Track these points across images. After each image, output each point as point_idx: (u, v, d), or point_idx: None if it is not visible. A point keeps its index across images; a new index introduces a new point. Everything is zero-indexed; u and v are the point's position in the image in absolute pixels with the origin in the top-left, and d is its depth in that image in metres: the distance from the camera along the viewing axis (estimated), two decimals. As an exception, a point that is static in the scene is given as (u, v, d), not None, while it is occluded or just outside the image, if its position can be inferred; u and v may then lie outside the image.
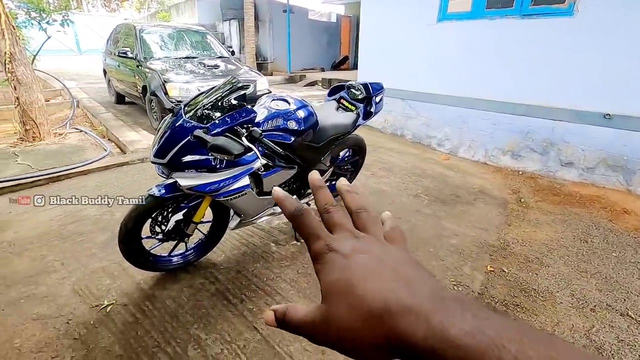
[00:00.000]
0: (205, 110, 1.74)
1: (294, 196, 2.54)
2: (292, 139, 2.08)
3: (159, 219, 1.98)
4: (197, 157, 1.69)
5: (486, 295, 2.19)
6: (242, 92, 1.76)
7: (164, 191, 1.86)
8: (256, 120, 1.97)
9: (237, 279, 2.18)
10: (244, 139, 1.75)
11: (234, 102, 1.75)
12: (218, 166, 1.75)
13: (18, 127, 4.34)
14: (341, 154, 3.03)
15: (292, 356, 1.67)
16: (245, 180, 1.91)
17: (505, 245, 2.75)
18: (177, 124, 1.70)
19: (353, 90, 2.71)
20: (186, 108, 1.79)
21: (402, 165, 4.31)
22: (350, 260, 0.25)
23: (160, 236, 2.00)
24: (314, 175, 0.33)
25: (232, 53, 6.74)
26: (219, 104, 1.74)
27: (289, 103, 2.16)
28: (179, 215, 1.94)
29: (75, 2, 19.40)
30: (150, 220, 1.96)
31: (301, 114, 2.14)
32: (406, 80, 5.08)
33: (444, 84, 4.69)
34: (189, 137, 1.65)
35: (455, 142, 4.75)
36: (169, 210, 1.95)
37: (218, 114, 1.72)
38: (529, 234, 2.91)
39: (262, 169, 2.01)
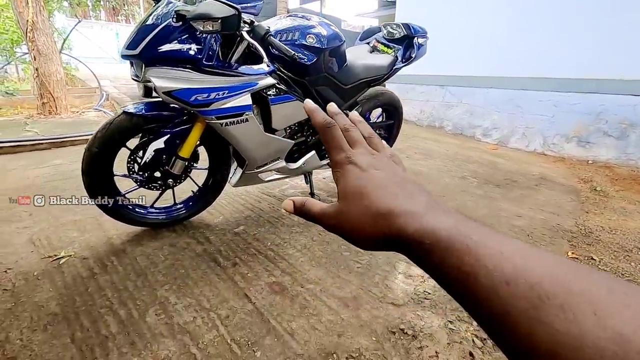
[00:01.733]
0: (196, -8, 1.32)
1: (311, 153, 2.05)
2: (313, 58, 1.61)
3: (139, 153, 1.55)
4: (177, 46, 1.25)
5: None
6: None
7: (143, 108, 1.44)
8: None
9: (233, 241, 1.69)
10: (244, 33, 1.30)
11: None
12: (206, 62, 1.29)
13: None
14: (373, 115, 2.52)
15: (293, 334, 1.13)
16: (246, 100, 1.44)
17: (588, 232, 2.08)
18: (158, 8, 1.29)
19: (390, 30, 2.23)
20: (174, -5, 1.38)
21: (442, 152, 3.72)
22: (366, 173, 0.30)
23: (138, 176, 1.56)
24: (331, 107, 0.36)
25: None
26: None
27: (308, 19, 1.71)
28: (160, 143, 1.50)
29: (124, 18, 20.72)
30: (128, 155, 1.54)
31: (323, 30, 1.68)
32: (445, 64, 4.55)
33: (490, 64, 4.12)
34: (171, 18, 1.23)
35: (505, 130, 4.10)
36: (150, 138, 1.52)
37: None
38: (618, 223, 2.23)
39: (272, 91, 1.55)
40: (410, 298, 1.35)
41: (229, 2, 1.14)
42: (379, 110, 2.54)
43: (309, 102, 0.35)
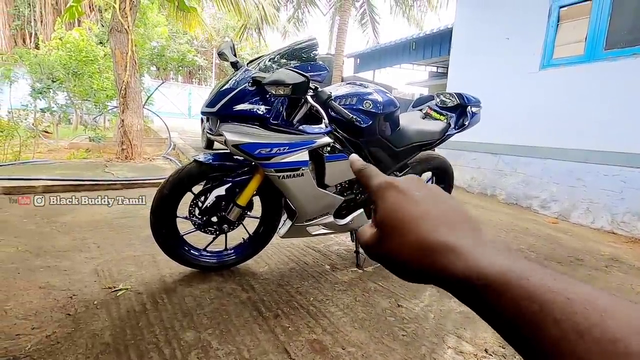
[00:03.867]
0: (269, 62, 1.51)
1: (359, 211, 2.07)
2: (368, 122, 1.72)
3: (201, 198, 1.69)
4: (249, 106, 1.41)
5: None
6: (314, 48, 1.52)
7: (210, 158, 1.60)
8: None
9: (277, 292, 1.69)
10: (308, 97, 1.45)
11: (303, 55, 1.50)
12: (273, 120, 1.44)
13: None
14: (423, 178, 2.52)
15: (332, 401, 1.06)
16: (304, 156, 1.55)
17: (676, 326, 1.79)
18: (237, 74, 1.49)
19: (443, 99, 2.31)
20: (250, 65, 1.60)
21: (496, 221, 3.54)
22: (405, 197, 0.27)
23: (197, 219, 1.68)
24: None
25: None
26: (286, 55, 1.51)
27: (366, 87, 1.85)
28: (221, 190, 1.62)
29: (197, 81, 23.64)
30: (191, 200, 1.68)
31: (379, 97, 1.80)
32: (499, 133, 4.52)
33: (547, 135, 4.02)
34: (247, 83, 1.41)
35: (565, 204, 3.84)
36: (213, 185, 1.65)
37: (283, 63, 1.47)
38: None
39: (327, 148, 1.65)
40: (462, 378, 1.22)
41: (299, 71, 1.30)
42: (429, 174, 2.54)
43: (354, 155, 0.35)
